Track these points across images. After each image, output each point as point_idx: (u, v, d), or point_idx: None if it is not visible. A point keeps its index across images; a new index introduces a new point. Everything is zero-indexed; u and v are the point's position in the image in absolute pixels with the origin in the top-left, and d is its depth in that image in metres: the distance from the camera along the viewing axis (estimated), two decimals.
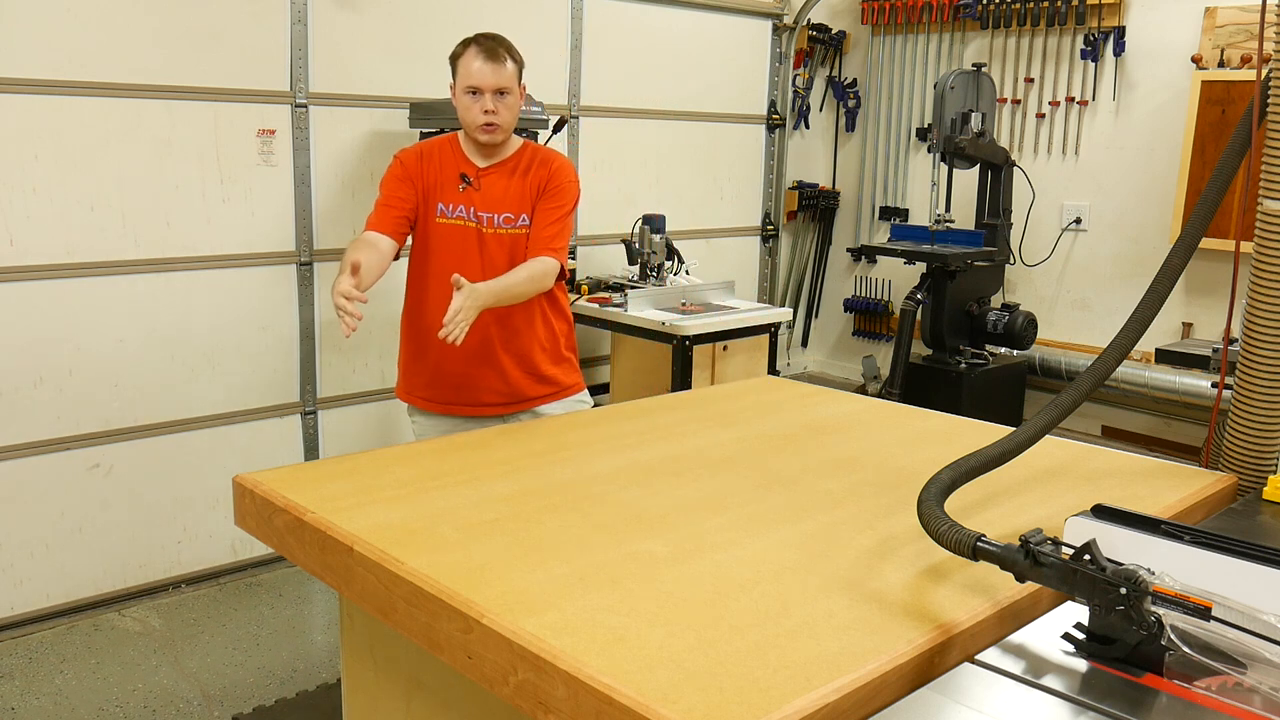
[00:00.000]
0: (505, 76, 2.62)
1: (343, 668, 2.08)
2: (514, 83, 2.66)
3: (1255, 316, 2.02)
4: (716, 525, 1.78)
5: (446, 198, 2.71)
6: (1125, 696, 1.24)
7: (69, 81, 3.40)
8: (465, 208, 2.70)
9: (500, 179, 2.73)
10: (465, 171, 2.71)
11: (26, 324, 3.42)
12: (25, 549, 3.51)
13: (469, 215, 2.70)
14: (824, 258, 6.24)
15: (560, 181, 2.74)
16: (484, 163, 2.73)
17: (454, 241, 2.71)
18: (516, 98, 2.68)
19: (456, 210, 2.71)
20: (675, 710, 1.19)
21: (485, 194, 2.71)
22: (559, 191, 2.74)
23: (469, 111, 2.63)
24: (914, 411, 2.69)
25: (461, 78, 2.63)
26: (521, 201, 2.72)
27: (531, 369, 2.80)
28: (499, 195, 2.71)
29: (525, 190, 2.72)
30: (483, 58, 2.60)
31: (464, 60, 2.63)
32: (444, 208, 2.71)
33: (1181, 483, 2.07)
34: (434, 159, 2.74)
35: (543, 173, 2.73)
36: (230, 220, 3.81)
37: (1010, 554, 1.40)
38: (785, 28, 5.74)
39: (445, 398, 2.82)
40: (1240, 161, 2.00)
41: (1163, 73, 4.81)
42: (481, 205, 2.70)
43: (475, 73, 2.60)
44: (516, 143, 2.77)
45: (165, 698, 3.13)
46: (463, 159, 2.73)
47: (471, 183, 2.70)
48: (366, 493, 1.89)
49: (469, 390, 2.79)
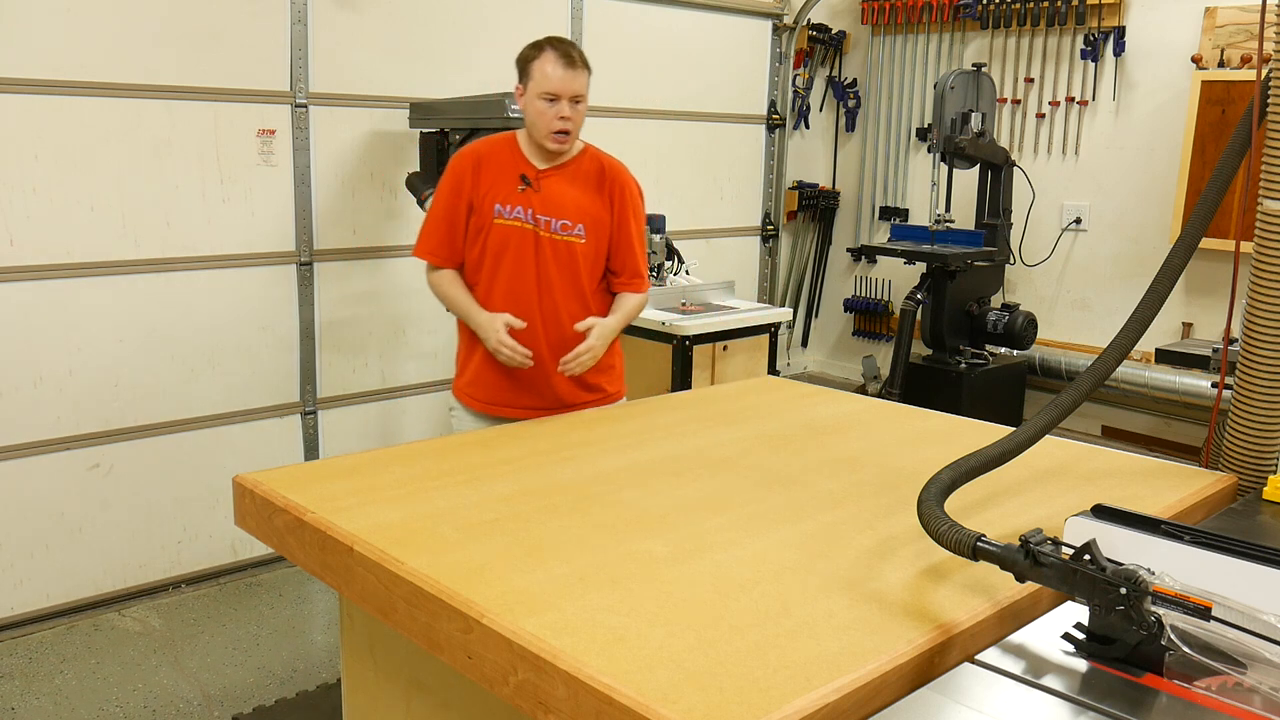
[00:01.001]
0: (582, 84, 2.61)
1: (343, 668, 2.08)
2: (587, 89, 2.64)
3: (1255, 316, 2.02)
4: (716, 525, 1.78)
5: (504, 198, 2.68)
6: (1125, 696, 1.24)
7: (69, 81, 3.40)
8: (524, 209, 2.67)
9: (560, 182, 2.69)
10: (525, 172, 2.68)
11: (26, 324, 3.42)
12: (25, 549, 3.51)
13: (527, 217, 2.67)
14: (824, 258, 6.24)
15: (636, 202, 2.76)
16: (544, 164, 2.70)
17: (511, 243, 2.68)
18: (587, 104, 2.66)
19: (514, 211, 2.67)
20: (675, 710, 1.19)
21: (545, 196, 2.68)
22: (637, 213, 2.76)
23: (543, 117, 2.60)
24: (914, 411, 2.69)
25: (537, 82, 2.59)
26: (583, 211, 2.69)
27: (580, 377, 2.78)
28: (558, 200, 2.68)
29: (590, 201, 2.70)
30: (562, 64, 2.57)
31: (539, 64, 2.59)
32: (501, 208, 2.68)
33: (1181, 483, 2.07)
34: (493, 160, 2.71)
35: (615, 188, 2.72)
36: (230, 220, 3.81)
37: (1010, 554, 1.40)
38: (785, 28, 5.74)
39: (491, 398, 2.80)
40: (1240, 161, 2.00)
41: (1163, 73, 4.81)
42: (540, 208, 2.67)
43: (554, 79, 2.57)
44: (577, 145, 2.75)
45: (165, 698, 3.13)
46: (522, 159, 2.70)
47: (531, 184, 2.67)
48: (366, 493, 1.89)
49: (516, 393, 2.77)
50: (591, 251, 2.72)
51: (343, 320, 4.17)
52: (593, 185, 2.71)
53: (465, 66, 4.35)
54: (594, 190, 2.71)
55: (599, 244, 2.73)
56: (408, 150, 4.17)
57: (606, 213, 2.72)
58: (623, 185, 2.74)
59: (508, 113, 3.68)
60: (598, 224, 2.71)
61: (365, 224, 4.18)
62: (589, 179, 2.72)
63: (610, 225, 2.73)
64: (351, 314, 4.19)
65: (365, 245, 4.19)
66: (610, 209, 2.72)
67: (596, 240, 2.72)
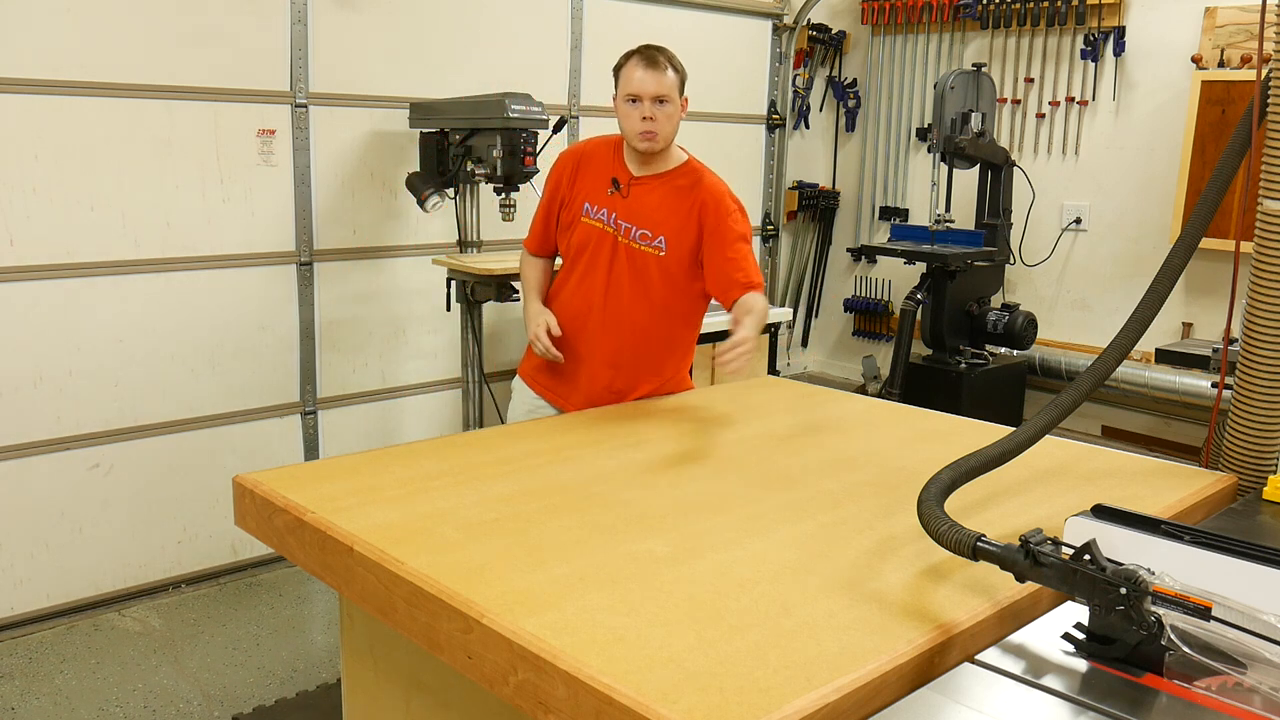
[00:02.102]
0: (665, 85, 2.60)
1: (343, 668, 2.08)
2: (674, 92, 2.63)
3: (1255, 316, 2.02)
4: (716, 525, 1.78)
5: (595, 199, 2.72)
6: (1125, 696, 1.24)
7: (69, 81, 3.40)
8: (608, 213, 2.70)
9: (651, 192, 2.69)
10: (618, 176, 2.71)
11: (26, 324, 3.42)
12: (25, 549, 3.51)
13: (609, 221, 2.70)
14: (824, 258, 6.24)
15: (734, 217, 2.68)
16: (640, 171, 2.71)
17: (590, 243, 2.72)
18: (677, 108, 2.66)
19: (599, 213, 2.71)
20: (675, 710, 1.19)
21: (631, 204, 2.69)
22: (736, 227, 2.67)
23: (628, 119, 2.62)
24: (914, 411, 2.69)
25: (623, 85, 2.63)
26: (666, 222, 2.67)
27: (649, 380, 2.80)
28: (643, 209, 2.68)
29: (676, 214, 2.67)
30: (644, 66, 2.60)
31: (625, 69, 2.64)
32: (590, 207, 2.72)
33: (1181, 483, 2.07)
34: (593, 160, 2.75)
35: (708, 205, 2.66)
36: (230, 220, 3.81)
37: (1010, 554, 1.40)
38: (785, 28, 5.74)
39: (562, 391, 2.82)
40: (1240, 161, 2.00)
41: (1163, 73, 4.81)
42: (624, 214, 2.69)
43: (635, 80, 2.59)
44: (680, 156, 2.75)
45: (165, 698, 3.13)
46: (620, 163, 2.72)
47: (620, 189, 2.69)
48: (366, 493, 1.89)
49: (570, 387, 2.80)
50: (672, 265, 2.68)
51: (343, 320, 4.17)
52: (684, 199, 2.69)
53: (465, 66, 4.35)
54: (684, 204, 2.68)
55: (681, 258, 2.68)
56: (408, 150, 4.17)
57: (694, 228, 2.66)
58: (716, 201, 2.67)
59: (508, 113, 3.68)
60: (681, 238, 2.67)
61: (365, 224, 4.18)
62: (681, 192, 2.69)
63: (697, 241, 2.67)
64: (351, 314, 4.19)
65: (365, 245, 4.19)
66: (700, 225, 2.66)
67: (679, 254, 2.68)
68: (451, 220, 4.15)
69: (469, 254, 4.13)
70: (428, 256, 4.28)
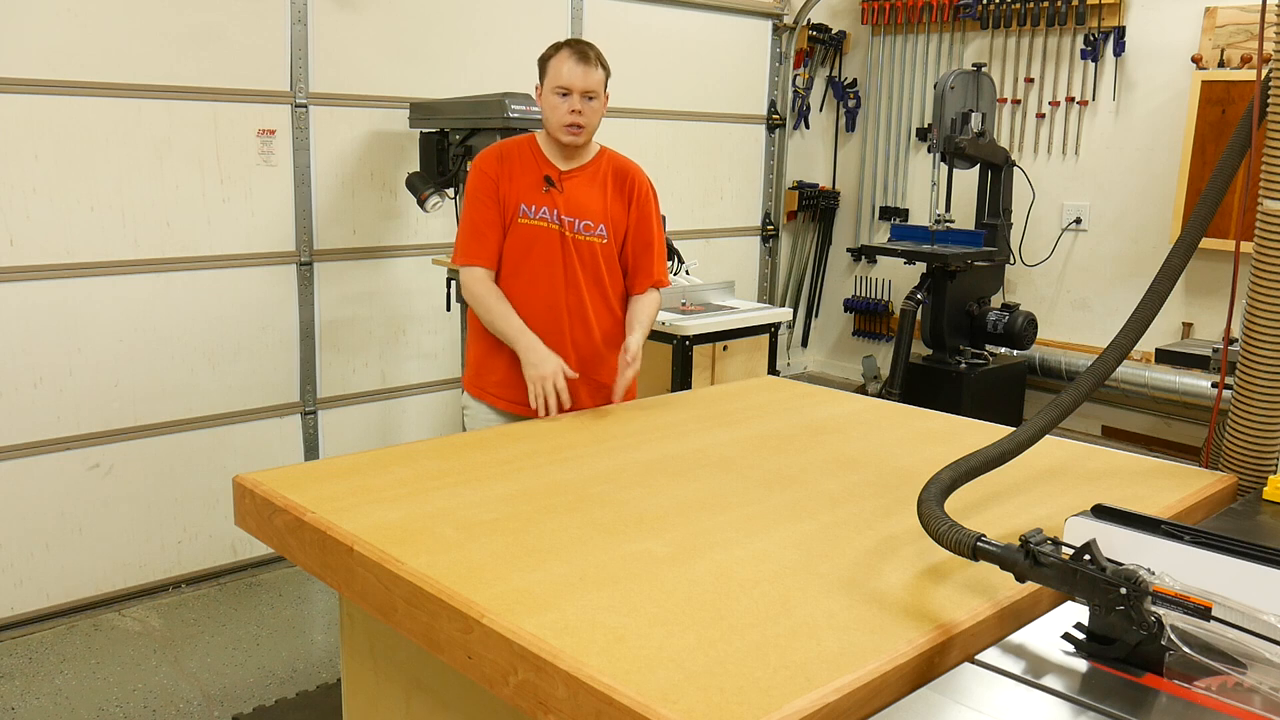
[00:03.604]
0: (594, 80, 2.66)
1: (343, 668, 2.08)
2: (601, 88, 2.69)
3: (1255, 316, 2.02)
4: (716, 525, 1.78)
5: (529, 198, 2.73)
6: (1125, 696, 1.24)
7: (69, 81, 3.40)
8: (549, 210, 2.73)
9: (582, 183, 2.76)
10: (549, 174, 2.73)
11: (26, 324, 3.42)
12: (25, 549, 3.51)
13: (552, 218, 2.73)
14: (824, 258, 6.24)
15: (650, 200, 2.83)
16: (565, 165, 2.75)
17: (538, 243, 2.73)
18: (602, 103, 2.71)
19: (539, 212, 2.73)
20: (675, 710, 1.19)
21: (569, 197, 2.74)
22: (656, 212, 2.85)
23: (556, 111, 2.66)
24: (914, 411, 2.69)
25: (551, 78, 2.67)
26: (603, 211, 2.77)
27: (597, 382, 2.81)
28: (581, 200, 2.74)
29: (608, 200, 2.77)
30: (574, 60, 2.64)
31: (555, 61, 2.67)
32: (526, 209, 2.73)
33: (1181, 483, 2.07)
34: (514, 160, 2.76)
35: (634, 190, 2.81)
36: (230, 220, 3.81)
37: (1010, 554, 1.40)
38: (785, 28, 5.74)
39: (519, 397, 2.80)
40: (1240, 161, 2.00)
41: (1163, 73, 4.81)
42: (565, 209, 2.73)
43: (566, 74, 2.64)
44: (594, 147, 2.82)
45: (165, 698, 3.13)
46: (544, 160, 2.75)
47: (555, 184, 2.73)
48: (366, 493, 1.89)
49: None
50: (612, 252, 2.81)
51: (343, 320, 4.17)
52: (612, 186, 2.79)
53: (465, 66, 4.35)
54: (614, 191, 2.79)
55: (618, 243, 2.82)
56: (408, 150, 4.18)
57: (624, 213, 2.81)
58: (640, 186, 2.83)
59: (508, 113, 3.68)
60: (617, 224, 2.80)
61: (365, 224, 4.18)
62: (607, 180, 2.79)
63: (627, 225, 2.82)
64: (351, 314, 4.20)
65: (365, 245, 4.19)
66: (628, 210, 2.81)
67: (616, 239, 2.81)
68: (451, 220, 4.15)
69: None
70: (428, 256, 4.28)
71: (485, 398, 2.84)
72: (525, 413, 2.77)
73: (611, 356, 2.80)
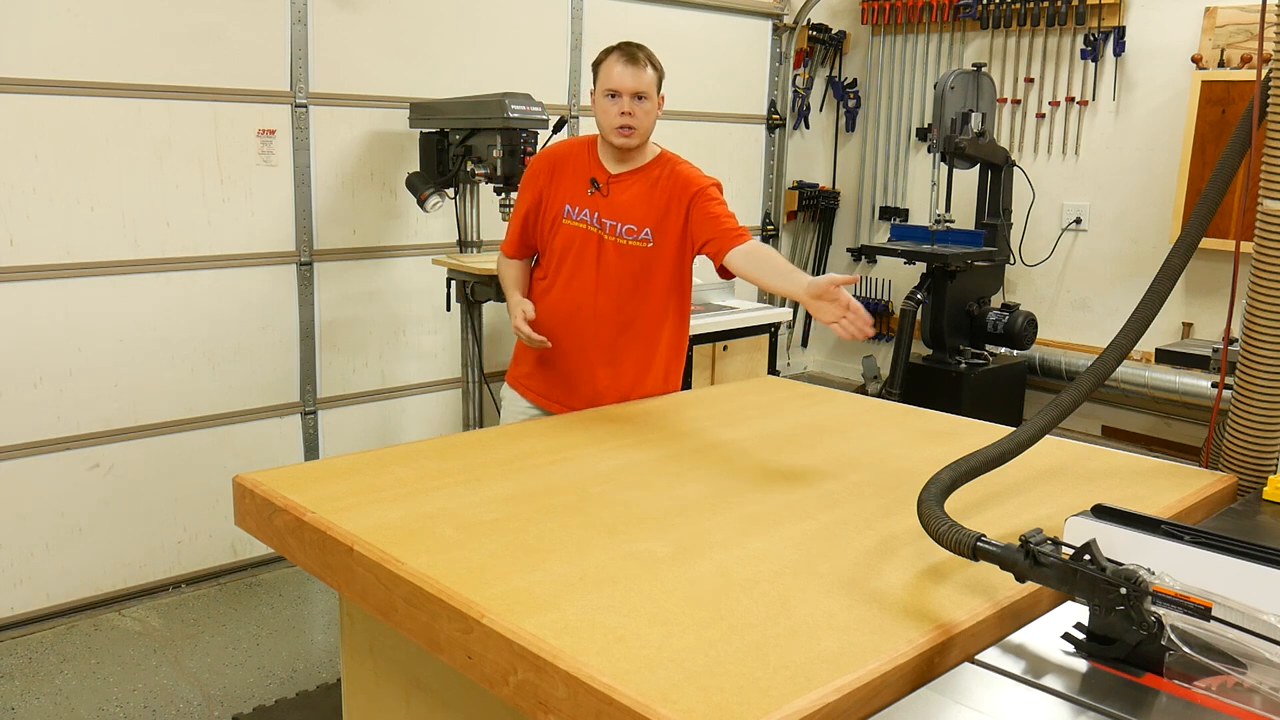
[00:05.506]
0: (644, 81, 2.64)
1: (343, 668, 2.08)
2: (652, 89, 2.67)
3: (1255, 316, 2.02)
4: (716, 525, 1.78)
5: (575, 200, 2.73)
6: (1125, 696, 1.24)
7: (69, 81, 3.40)
8: (590, 212, 2.72)
9: (630, 187, 2.72)
10: (596, 176, 2.73)
11: (26, 324, 3.42)
12: (25, 549, 3.51)
13: (592, 221, 2.72)
14: (824, 258, 6.24)
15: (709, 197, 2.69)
16: (616, 169, 2.73)
17: (574, 244, 2.74)
18: (654, 104, 2.68)
19: (581, 213, 2.73)
20: (675, 710, 1.19)
21: (612, 201, 2.71)
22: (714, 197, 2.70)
23: (606, 114, 2.65)
24: (914, 411, 2.69)
25: (601, 81, 2.67)
26: (648, 214, 2.70)
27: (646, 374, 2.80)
28: (625, 204, 2.71)
29: (658, 206, 2.70)
30: (623, 61, 2.63)
31: (605, 65, 2.66)
32: (570, 209, 2.74)
33: (1181, 483, 2.07)
34: (567, 160, 2.77)
35: (688, 192, 2.69)
36: (230, 220, 3.81)
37: (1010, 554, 1.40)
38: (785, 28, 5.74)
39: (542, 390, 2.83)
40: (1240, 161, 2.00)
41: (1163, 73, 4.81)
42: (607, 212, 2.71)
43: (615, 76, 2.63)
44: (653, 150, 2.77)
45: (165, 698, 3.13)
46: (596, 163, 2.75)
47: (600, 188, 2.72)
48: (366, 493, 1.89)
49: (565, 391, 2.81)
50: (661, 256, 2.73)
51: (343, 320, 4.17)
52: (663, 189, 2.72)
53: (465, 66, 4.35)
54: (664, 193, 2.71)
55: (669, 247, 2.72)
56: (408, 150, 4.17)
57: (679, 213, 2.70)
58: (695, 183, 2.71)
59: (508, 113, 3.68)
60: (666, 226, 2.71)
61: (365, 224, 4.18)
62: (659, 185, 2.72)
63: (683, 224, 2.70)
64: (351, 314, 4.20)
65: (365, 245, 4.19)
66: (685, 210, 2.70)
67: (666, 244, 2.72)
68: (451, 220, 4.15)
69: (469, 254, 4.13)
70: (428, 256, 4.28)
71: (517, 387, 2.90)
72: (547, 405, 2.83)
73: (646, 368, 2.78)
